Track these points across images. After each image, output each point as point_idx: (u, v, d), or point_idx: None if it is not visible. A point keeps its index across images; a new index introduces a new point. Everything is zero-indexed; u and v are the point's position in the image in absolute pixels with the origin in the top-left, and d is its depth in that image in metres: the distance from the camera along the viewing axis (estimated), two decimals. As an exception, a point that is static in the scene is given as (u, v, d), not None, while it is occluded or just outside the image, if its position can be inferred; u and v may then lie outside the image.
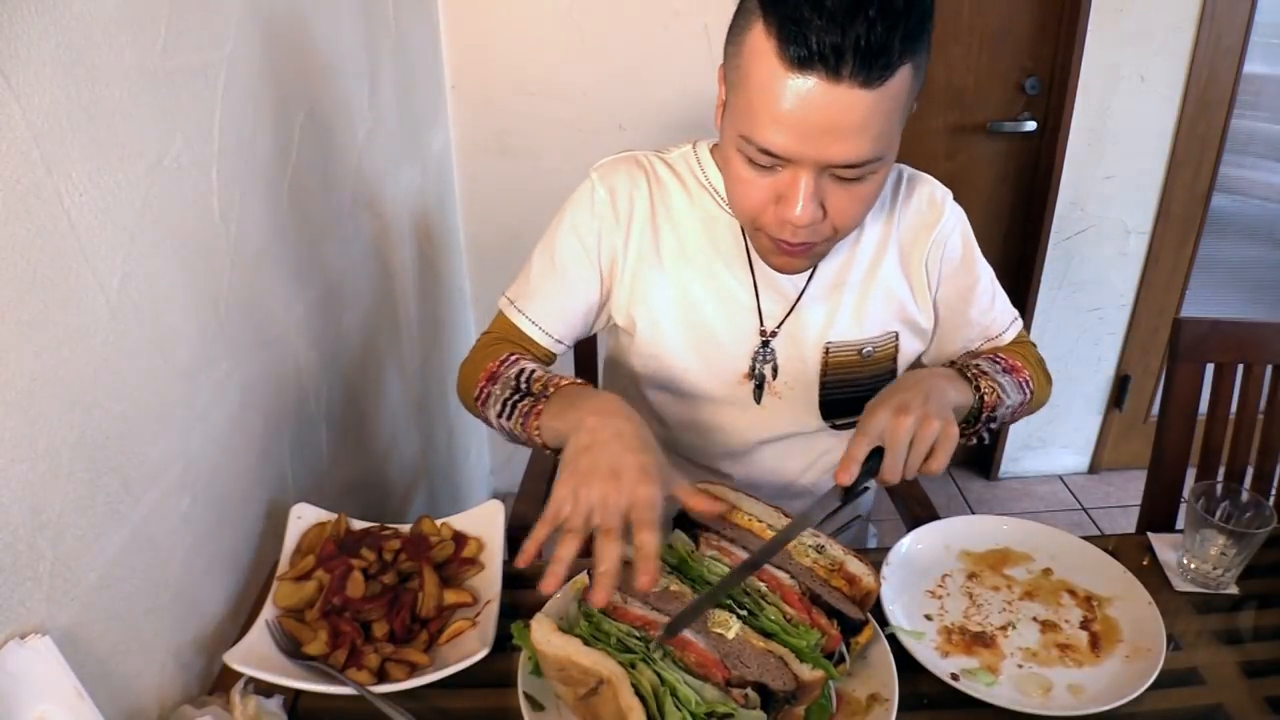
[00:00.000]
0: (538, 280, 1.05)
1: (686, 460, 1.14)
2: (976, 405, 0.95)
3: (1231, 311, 2.66)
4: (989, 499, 2.58)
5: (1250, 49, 2.06)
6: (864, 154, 0.79)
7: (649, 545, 0.71)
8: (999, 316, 1.09)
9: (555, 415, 0.86)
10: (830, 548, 0.84)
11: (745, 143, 0.81)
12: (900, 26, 0.73)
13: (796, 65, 0.74)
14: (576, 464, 0.76)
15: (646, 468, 0.75)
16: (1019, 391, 1.01)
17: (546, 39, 1.93)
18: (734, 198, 0.90)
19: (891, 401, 0.84)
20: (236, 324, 0.93)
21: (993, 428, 0.99)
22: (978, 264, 1.07)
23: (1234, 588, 0.95)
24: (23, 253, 0.60)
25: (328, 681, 0.77)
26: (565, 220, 1.04)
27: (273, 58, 1.03)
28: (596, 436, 0.77)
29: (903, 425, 0.81)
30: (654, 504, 0.73)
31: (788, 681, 0.71)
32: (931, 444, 0.82)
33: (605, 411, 0.80)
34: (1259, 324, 1.24)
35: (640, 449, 0.76)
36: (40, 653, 0.60)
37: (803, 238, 0.86)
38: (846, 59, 0.72)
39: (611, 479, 0.73)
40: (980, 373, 0.97)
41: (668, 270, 1.03)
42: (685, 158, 1.05)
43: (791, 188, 0.82)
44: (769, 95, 0.77)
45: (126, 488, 0.73)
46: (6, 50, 0.58)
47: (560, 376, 0.93)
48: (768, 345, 1.04)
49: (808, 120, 0.76)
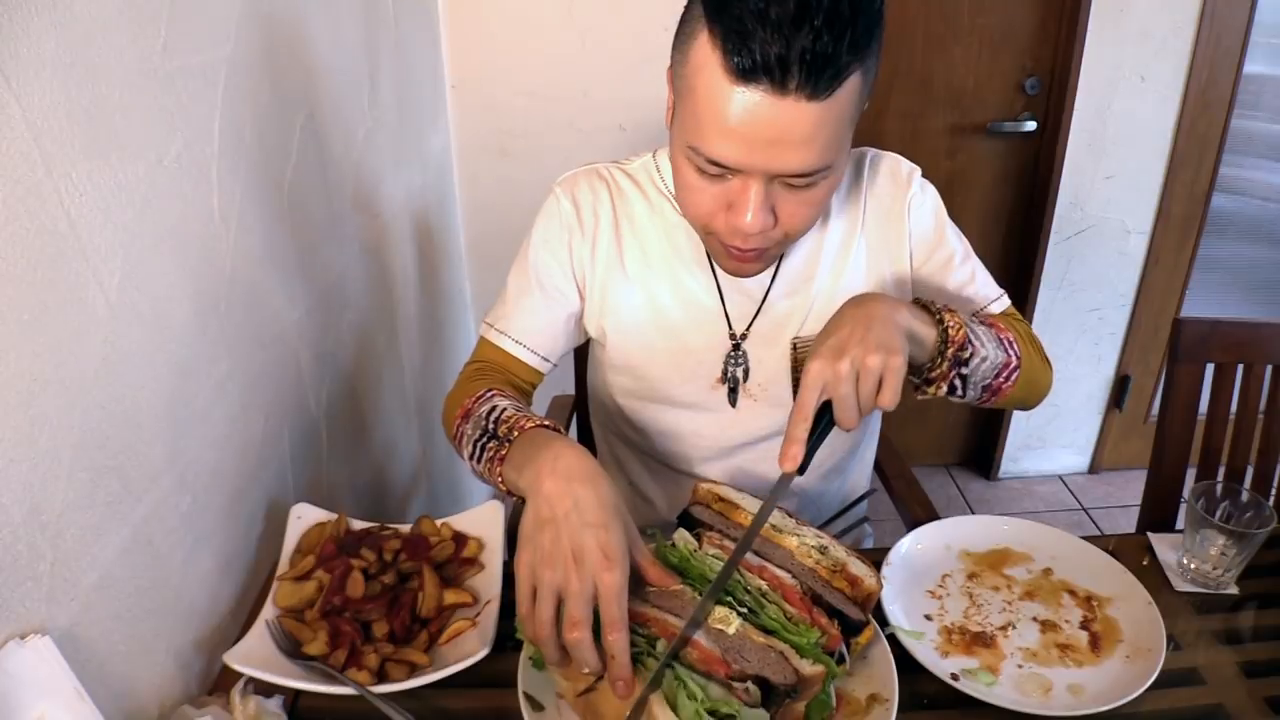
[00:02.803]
0: (516, 299, 1.05)
1: (666, 466, 1.13)
2: (940, 338, 0.87)
3: (1231, 311, 2.65)
4: (989, 499, 2.58)
5: (1250, 49, 2.06)
6: (813, 163, 0.78)
7: (618, 647, 0.69)
8: (980, 290, 1.05)
9: (515, 468, 0.83)
10: (833, 549, 0.83)
11: (694, 153, 0.80)
12: (847, 35, 0.71)
13: (741, 78, 0.73)
14: (537, 540, 0.73)
15: (608, 548, 0.71)
16: (999, 348, 0.92)
17: (546, 39, 1.93)
18: (684, 204, 0.89)
19: (826, 346, 0.79)
20: (236, 324, 0.93)
21: (965, 374, 0.90)
22: (951, 238, 1.04)
23: (1234, 588, 0.95)
24: (23, 253, 0.60)
25: (328, 681, 0.77)
26: (535, 236, 1.04)
27: (273, 58, 1.03)
28: (555, 509, 0.73)
29: (840, 372, 0.77)
30: (619, 594, 0.70)
31: (788, 676, 0.71)
32: (878, 378, 0.77)
33: (562, 473, 0.76)
34: (1259, 324, 1.24)
35: (600, 522, 0.73)
36: (40, 653, 0.60)
37: (754, 244, 0.86)
38: (792, 72, 0.71)
39: (573, 563, 0.71)
40: (946, 308, 0.89)
41: (634, 280, 1.02)
42: (645, 167, 1.05)
43: (741, 196, 0.81)
44: (715, 107, 0.75)
45: (126, 488, 0.73)
46: (6, 50, 0.58)
47: (525, 417, 0.88)
48: (739, 348, 1.03)
49: (755, 132, 0.75)
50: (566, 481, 0.75)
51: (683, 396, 1.06)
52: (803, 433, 0.77)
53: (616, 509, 0.75)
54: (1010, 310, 1.07)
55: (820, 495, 1.15)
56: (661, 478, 1.16)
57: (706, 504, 0.90)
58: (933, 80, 2.11)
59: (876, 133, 2.14)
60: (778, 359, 1.03)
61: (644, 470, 1.16)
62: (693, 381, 1.04)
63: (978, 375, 0.91)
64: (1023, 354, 0.96)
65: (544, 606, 0.71)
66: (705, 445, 1.09)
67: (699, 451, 1.10)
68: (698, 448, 1.09)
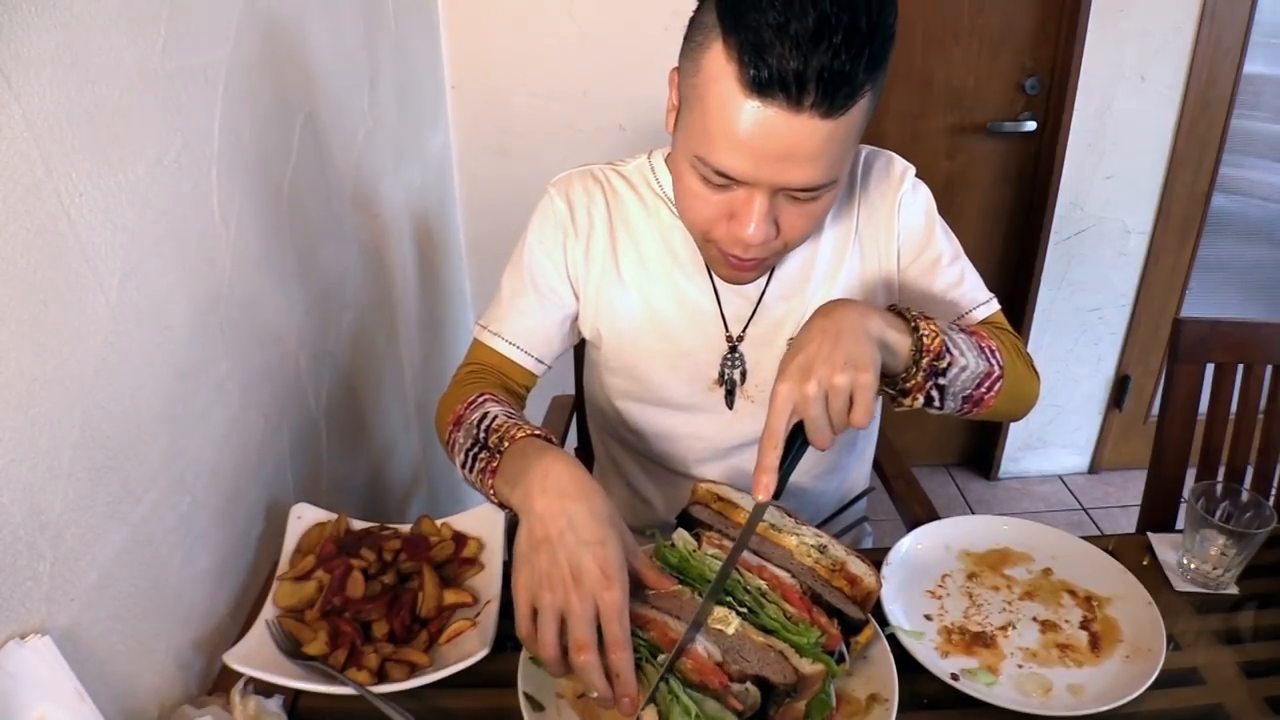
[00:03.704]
0: (510, 300, 1.04)
1: (663, 468, 1.13)
2: (914, 346, 0.84)
3: (1231, 311, 2.66)
4: (989, 499, 2.58)
5: (1250, 49, 2.06)
6: (820, 179, 0.78)
7: (623, 665, 0.69)
8: (968, 293, 1.03)
9: (507, 482, 0.82)
10: (833, 548, 0.84)
11: (700, 162, 0.80)
12: (864, 54, 0.70)
13: (756, 91, 0.72)
14: (534, 561, 0.72)
15: (606, 565, 0.71)
16: (980, 357, 0.90)
17: (546, 39, 1.93)
18: (685, 211, 0.89)
19: (792, 366, 0.77)
20: (236, 324, 0.93)
21: (942, 384, 0.87)
22: (940, 238, 1.03)
23: (1234, 588, 0.95)
24: (23, 253, 0.60)
25: (328, 681, 0.77)
26: (530, 237, 1.04)
27: (273, 58, 1.03)
28: (549, 529, 0.72)
29: (809, 394, 0.74)
30: (620, 612, 0.69)
31: (788, 675, 0.71)
32: (848, 396, 0.76)
33: (554, 490, 0.74)
34: (1259, 324, 1.24)
35: (596, 538, 0.72)
36: (40, 653, 0.60)
37: (754, 254, 0.86)
38: (809, 89, 0.71)
39: (573, 583, 0.70)
40: (923, 315, 0.87)
41: (629, 282, 1.02)
42: (640, 169, 1.04)
43: (745, 206, 0.81)
44: (727, 119, 0.75)
45: (126, 488, 0.73)
46: (6, 50, 0.58)
47: (517, 426, 0.86)
48: (735, 351, 1.03)
49: (766, 146, 0.75)
50: (559, 499, 0.74)
51: (679, 398, 1.05)
52: (774, 461, 0.75)
53: (611, 521, 0.74)
54: (997, 318, 1.05)
55: (819, 494, 1.15)
56: (659, 479, 1.15)
57: (705, 503, 0.90)
58: (933, 80, 2.11)
59: (876, 133, 2.14)
60: (774, 360, 1.02)
61: (641, 471, 1.16)
62: (689, 384, 1.04)
63: (957, 385, 0.89)
64: (1006, 363, 0.93)
65: (546, 629, 0.70)
66: (702, 447, 1.09)
67: (696, 453, 1.09)
68: (694, 449, 1.09)
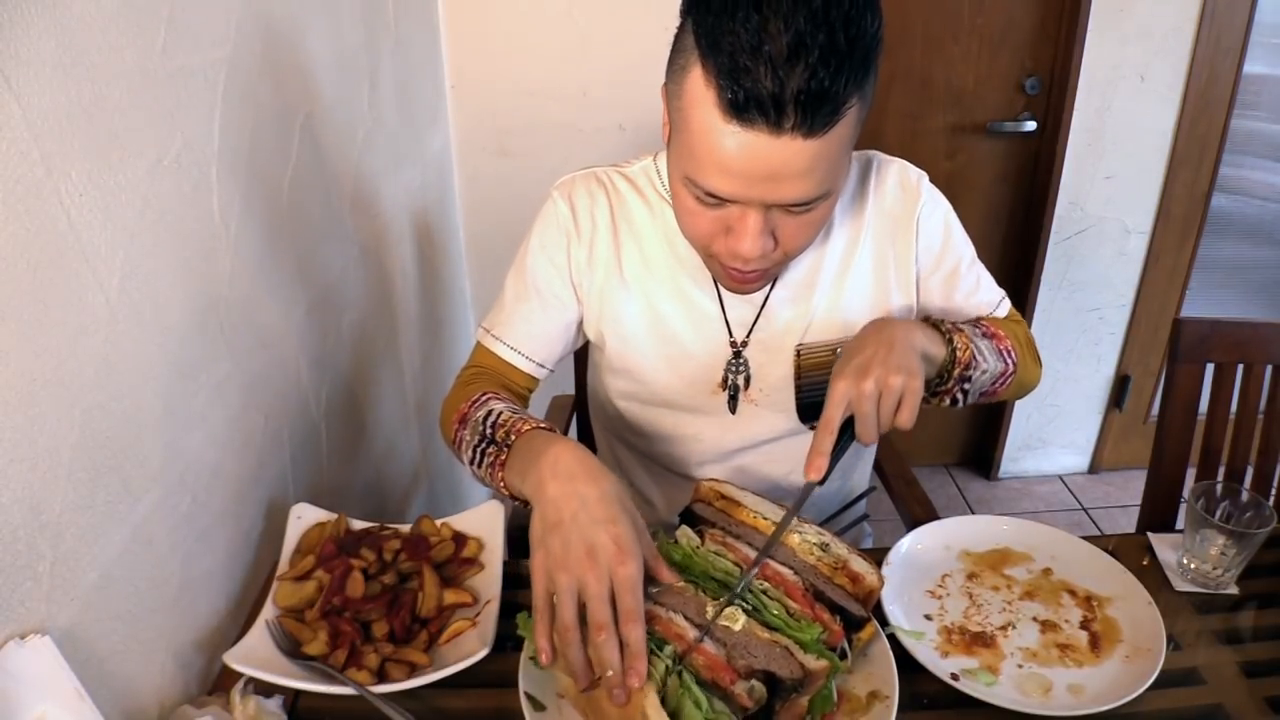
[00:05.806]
0: (513, 305, 1.05)
1: (665, 469, 1.13)
2: (948, 359, 0.92)
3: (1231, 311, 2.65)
4: (989, 499, 2.58)
5: (1250, 49, 2.06)
6: (812, 193, 0.78)
7: (636, 640, 0.69)
8: (985, 296, 1.07)
9: (517, 472, 0.82)
10: (835, 546, 0.84)
11: (690, 184, 0.80)
12: (844, 70, 0.69)
13: (736, 116, 0.72)
14: (548, 544, 0.72)
15: (620, 541, 0.71)
16: (998, 358, 0.98)
17: (546, 39, 1.93)
18: (684, 228, 0.89)
19: (850, 366, 0.84)
20: (236, 324, 0.93)
21: (967, 389, 0.96)
22: (959, 246, 1.04)
23: (1234, 588, 0.95)
24: (23, 253, 0.60)
25: (328, 681, 0.77)
26: (533, 241, 1.04)
27: (273, 58, 1.03)
28: (562, 511, 0.73)
29: (865, 390, 0.81)
30: (636, 586, 0.70)
31: (794, 670, 0.72)
32: (899, 398, 0.82)
33: (564, 475, 0.76)
34: (1259, 324, 1.24)
35: (609, 517, 0.73)
36: (40, 653, 0.60)
37: (754, 266, 0.86)
38: (787, 111, 0.70)
39: (588, 561, 0.70)
40: (955, 328, 0.95)
41: (633, 285, 1.02)
42: (645, 171, 1.04)
43: (740, 223, 0.81)
44: (711, 144, 0.75)
45: (126, 488, 0.73)
46: (6, 50, 0.58)
47: (523, 420, 0.88)
48: (739, 355, 1.03)
49: (751, 169, 0.75)
50: (570, 482, 0.75)
51: (682, 401, 1.05)
52: (828, 446, 0.82)
53: (623, 503, 0.75)
54: (1012, 313, 1.08)
55: (821, 494, 1.14)
56: (661, 479, 1.15)
57: (709, 501, 0.90)
58: (932, 80, 2.11)
59: (876, 133, 2.14)
60: (779, 366, 1.03)
61: (644, 472, 1.16)
62: (692, 387, 1.04)
63: (977, 386, 0.97)
64: (1019, 360, 1.01)
65: (565, 611, 0.70)
66: (704, 449, 1.09)
67: (698, 455, 1.10)
68: (696, 451, 1.09)
